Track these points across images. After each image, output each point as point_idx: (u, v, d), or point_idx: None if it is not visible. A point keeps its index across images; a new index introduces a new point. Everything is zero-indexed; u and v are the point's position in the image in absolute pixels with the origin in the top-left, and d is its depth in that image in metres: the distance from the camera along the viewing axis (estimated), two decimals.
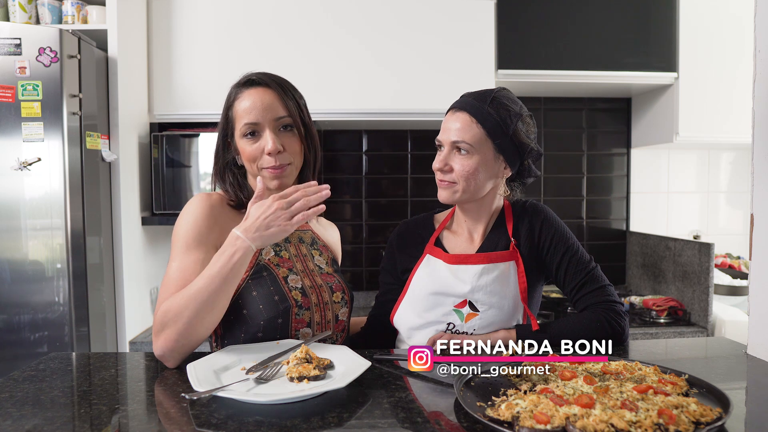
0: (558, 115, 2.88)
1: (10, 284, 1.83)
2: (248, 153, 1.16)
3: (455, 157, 1.22)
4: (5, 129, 1.80)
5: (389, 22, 2.34)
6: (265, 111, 1.15)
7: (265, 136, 1.15)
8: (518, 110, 1.23)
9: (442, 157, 1.23)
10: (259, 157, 1.16)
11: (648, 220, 2.93)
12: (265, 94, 1.17)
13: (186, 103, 2.30)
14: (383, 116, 2.37)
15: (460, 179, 1.21)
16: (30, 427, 0.77)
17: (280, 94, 1.18)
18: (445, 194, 1.25)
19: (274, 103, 1.16)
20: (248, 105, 1.15)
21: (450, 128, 1.22)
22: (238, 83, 1.21)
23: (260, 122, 1.15)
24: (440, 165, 1.22)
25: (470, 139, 1.20)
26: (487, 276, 1.23)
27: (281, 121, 1.17)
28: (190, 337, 1.01)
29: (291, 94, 1.20)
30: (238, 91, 1.19)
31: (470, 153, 1.20)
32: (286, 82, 1.22)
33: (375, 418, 0.80)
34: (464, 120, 1.21)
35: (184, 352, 1.02)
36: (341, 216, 2.81)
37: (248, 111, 1.15)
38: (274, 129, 1.16)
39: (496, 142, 1.21)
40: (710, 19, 2.46)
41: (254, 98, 1.16)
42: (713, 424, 0.71)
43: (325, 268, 1.27)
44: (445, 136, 1.23)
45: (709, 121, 2.48)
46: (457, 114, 1.23)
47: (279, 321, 1.13)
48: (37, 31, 1.82)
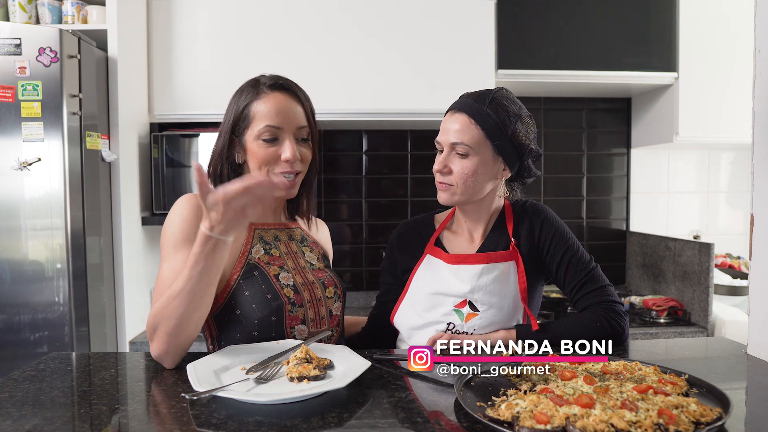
0: (558, 115, 2.88)
1: (10, 284, 1.83)
2: (261, 156, 1.14)
3: (454, 159, 1.21)
4: (5, 129, 1.80)
5: (389, 22, 2.34)
6: (290, 118, 1.14)
7: (286, 143, 1.14)
8: (517, 111, 1.22)
9: (441, 158, 1.22)
10: (273, 163, 1.14)
11: (648, 220, 2.93)
12: (290, 100, 1.16)
13: (186, 103, 2.30)
14: (383, 116, 2.37)
15: (458, 181, 1.21)
16: (30, 427, 0.77)
17: (304, 104, 1.18)
18: (444, 196, 1.25)
19: (297, 111, 1.16)
20: (272, 108, 1.14)
21: (449, 129, 1.22)
22: (257, 82, 1.18)
23: (284, 128, 1.14)
24: (439, 167, 1.22)
25: (469, 141, 1.19)
26: (487, 276, 1.23)
27: (301, 131, 1.17)
28: (180, 335, 1.01)
29: (310, 105, 1.21)
30: (259, 90, 1.16)
31: (469, 154, 1.20)
32: (304, 91, 1.22)
33: (375, 418, 0.80)
34: (463, 121, 1.20)
35: (178, 351, 1.02)
36: (341, 216, 2.81)
37: (273, 114, 1.13)
38: (294, 137, 1.16)
39: (495, 143, 1.20)
40: (710, 19, 2.46)
41: (281, 102, 1.15)
42: (713, 424, 0.71)
43: (316, 264, 1.27)
44: (443, 138, 1.23)
45: (709, 121, 2.48)
46: (456, 115, 1.22)
47: (273, 319, 1.13)
48: (37, 31, 1.82)
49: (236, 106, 1.18)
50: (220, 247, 0.98)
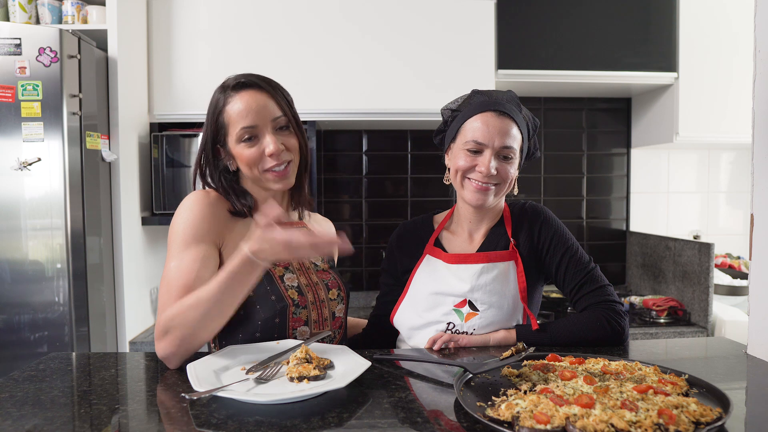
0: (558, 115, 2.88)
1: (10, 284, 1.82)
2: (247, 157, 1.13)
3: (499, 161, 1.21)
4: (5, 129, 1.80)
5: (388, 22, 2.34)
6: (261, 113, 1.13)
7: (266, 139, 1.13)
8: (533, 119, 1.28)
9: (487, 160, 1.19)
10: (260, 161, 1.14)
11: (648, 220, 2.93)
12: (257, 95, 1.14)
13: (186, 103, 2.30)
14: (383, 116, 2.37)
15: (504, 182, 1.23)
16: (30, 427, 0.77)
17: (272, 94, 1.16)
18: (483, 197, 1.22)
19: (268, 104, 1.14)
20: (242, 108, 1.12)
21: (496, 132, 1.19)
22: (224, 87, 1.17)
23: (258, 125, 1.13)
24: (488, 170, 1.19)
25: (517, 146, 1.22)
26: (487, 275, 1.23)
27: (278, 121, 1.15)
28: (192, 341, 1.01)
29: (281, 93, 1.18)
30: (227, 95, 1.15)
31: (513, 158, 1.22)
32: (272, 80, 1.20)
33: (375, 418, 0.80)
34: (511, 126, 1.21)
35: (186, 354, 1.03)
36: (341, 216, 2.81)
37: (243, 114, 1.12)
38: (272, 130, 1.14)
39: (523, 146, 1.25)
40: (710, 19, 2.46)
41: (248, 101, 1.13)
42: (713, 424, 0.71)
43: (320, 265, 1.27)
44: (488, 139, 1.19)
45: (708, 121, 2.48)
46: (502, 118, 1.21)
47: (276, 320, 1.13)
48: (37, 31, 1.82)
49: (212, 117, 1.17)
50: (258, 269, 0.98)
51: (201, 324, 1.00)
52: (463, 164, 1.22)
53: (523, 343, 1.06)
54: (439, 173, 1.31)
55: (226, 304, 1.01)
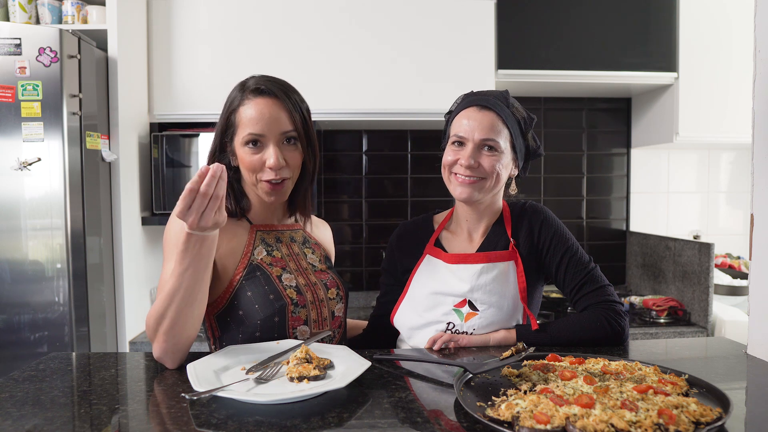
0: (558, 115, 2.88)
1: (10, 284, 1.83)
2: (248, 163, 1.14)
3: (481, 155, 1.21)
4: (5, 129, 1.80)
5: (389, 22, 2.34)
6: (271, 124, 1.12)
7: (269, 150, 1.13)
8: (529, 116, 1.28)
9: (468, 153, 1.20)
10: (259, 169, 1.14)
11: (648, 220, 2.93)
12: (272, 105, 1.13)
13: (186, 103, 2.30)
14: (383, 116, 2.37)
15: (489, 176, 1.22)
16: (30, 427, 0.77)
17: (287, 106, 1.15)
18: (467, 191, 1.22)
19: (281, 116, 1.13)
20: (254, 115, 1.12)
21: (476, 125, 1.21)
22: (243, 87, 1.17)
23: (265, 134, 1.12)
24: (467, 162, 1.20)
25: (499, 138, 1.21)
26: (486, 275, 1.23)
27: (286, 134, 1.15)
28: (179, 335, 1.01)
29: (298, 105, 1.17)
30: (243, 96, 1.15)
31: (497, 151, 1.22)
32: (291, 89, 1.19)
33: (375, 418, 0.80)
34: (492, 118, 1.22)
35: (179, 350, 1.03)
36: (341, 216, 2.81)
37: (254, 121, 1.12)
38: (278, 142, 1.14)
39: (515, 142, 1.24)
40: (710, 19, 2.46)
41: (261, 109, 1.12)
42: (713, 424, 0.71)
43: (318, 266, 1.27)
44: (468, 132, 1.21)
45: (708, 121, 2.48)
46: (484, 112, 1.22)
47: (276, 320, 1.13)
48: (37, 31, 1.82)
49: (226, 112, 1.18)
50: (204, 243, 0.98)
51: (177, 312, 0.99)
52: (448, 159, 1.24)
53: (523, 343, 1.06)
54: (439, 173, 1.32)
55: (189, 286, 0.99)
